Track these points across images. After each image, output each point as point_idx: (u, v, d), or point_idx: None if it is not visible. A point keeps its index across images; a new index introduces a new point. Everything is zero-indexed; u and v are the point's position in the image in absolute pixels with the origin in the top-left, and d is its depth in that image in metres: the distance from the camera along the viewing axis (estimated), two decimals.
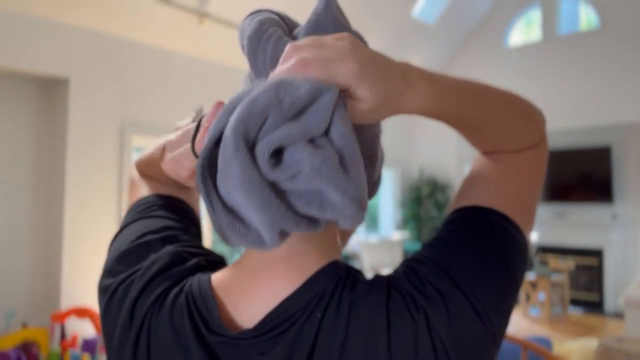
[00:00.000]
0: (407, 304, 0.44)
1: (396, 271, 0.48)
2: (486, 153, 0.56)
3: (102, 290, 0.53)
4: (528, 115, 0.54)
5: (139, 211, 0.60)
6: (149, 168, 0.64)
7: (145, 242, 0.54)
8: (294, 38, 0.50)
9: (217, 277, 0.50)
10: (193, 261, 0.52)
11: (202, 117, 0.48)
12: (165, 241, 0.54)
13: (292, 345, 0.43)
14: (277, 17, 0.51)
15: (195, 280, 0.49)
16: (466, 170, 0.60)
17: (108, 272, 0.54)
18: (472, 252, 0.48)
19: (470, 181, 0.56)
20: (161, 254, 0.52)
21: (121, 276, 0.52)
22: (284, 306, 0.45)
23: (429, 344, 0.42)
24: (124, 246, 0.55)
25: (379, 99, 0.40)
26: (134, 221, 0.59)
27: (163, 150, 0.57)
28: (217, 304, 0.47)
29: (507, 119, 0.52)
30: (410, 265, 0.48)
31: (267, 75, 0.45)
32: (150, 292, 0.49)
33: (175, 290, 0.49)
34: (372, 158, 0.54)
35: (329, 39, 0.41)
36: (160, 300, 0.48)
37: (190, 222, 0.61)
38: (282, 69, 0.40)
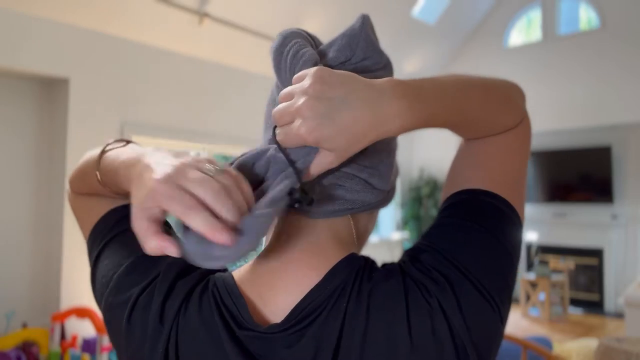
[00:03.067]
0: (421, 290, 0.45)
1: (402, 260, 0.50)
2: (470, 140, 0.58)
3: (117, 305, 0.51)
4: (508, 100, 0.56)
5: (112, 227, 0.57)
6: (83, 184, 0.59)
7: None
8: (323, 51, 0.54)
9: (238, 272, 0.52)
10: None
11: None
12: None
13: (319, 336, 0.45)
14: (303, 32, 0.54)
15: (218, 277, 0.50)
16: None
17: (118, 289, 0.52)
18: (467, 235, 0.49)
19: (458, 167, 0.57)
20: (175, 257, 0.52)
21: (138, 287, 0.51)
22: (309, 298, 0.46)
23: (445, 327, 0.44)
24: (127, 258, 0.53)
25: (337, 149, 0.44)
26: (115, 236, 0.56)
27: (98, 163, 0.53)
28: (244, 299, 0.48)
29: (489, 112, 0.53)
30: (412, 254, 0.50)
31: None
32: (177, 294, 0.49)
33: (199, 288, 0.50)
34: (386, 170, 0.55)
35: (296, 93, 0.44)
36: (187, 300, 0.49)
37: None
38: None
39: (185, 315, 0.48)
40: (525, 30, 6.12)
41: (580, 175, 5.90)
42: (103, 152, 0.54)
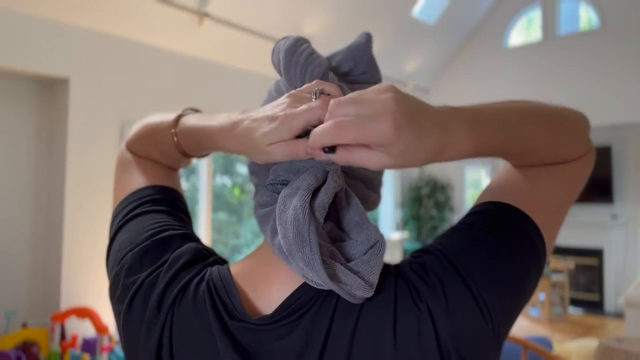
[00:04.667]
0: (412, 293, 0.45)
1: (402, 261, 0.50)
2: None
3: (125, 286, 0.53)
4: (574, 133, 0.53)
5: (140, 204, 0.60)
6: (150, 141, 0.63)
7: (167, 237, 0.55)
8: (328, 59, 0.56)
9: (235, 266, 0.53)
10: (213, 258, 0.55)
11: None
12: (185, 238, 0.56)
13: (309, 329, 0.45)
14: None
15: (214, 269, 0.51)
16: (467, 170, 0.61)
17: (129, 269, 0.54)
18: (484, 247, 0.48)
19: (501, 179, 0.55)
20: (184, 249, 0.53)
21: (146, 272, 0.52)
22: (300, 291, 0.47)
23: (432, 333, 0.43)
24: (142, 240, 0.55)
25: (410, 157, 0.39)
26: (140, 214, 0.59)
27: (177, 121, 0.58)
28: (237, 290, 0.49)
29: (552, 144, 0.51)
30: (417, 255, 0.50)
31: (297, 85, 0.51)
32: (176, 284, 0.50)
33: (196, 279, 0.50)
34: (375, 184, 0.58)
35: (371, 92, 0.40)
36: (184, 290, 0.50)
37: (187, 217, 0.63)
38: (320, 130, 0.40)
39: (181, 305, 0.49)
40: (525, 30, 6.11)
41: None
42: (180, 115, 0.58)
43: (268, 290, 0.49)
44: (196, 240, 0.57)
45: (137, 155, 0.67)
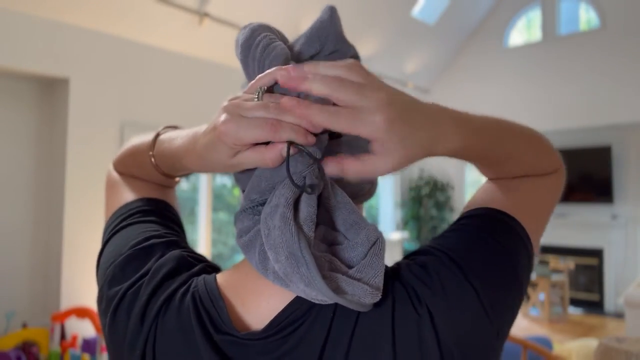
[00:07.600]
0: (410, 298, 0.43)
1: (398, 263, 0.48)
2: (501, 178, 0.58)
3: (108, 298, 0.51)
4: (547, 148, 0.57)
5: (129, 215, 0.58)
6: (133, 162, 0.63)
7: (149, 245, 0.53)
8: (291, 45, 0.51)
9: (222, 276, 0.50)
10: (199, 266, 0.52)
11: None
12: (169, 245, 0.54)
13: (302, 345, 0.43)
14: (271, 26, 0.51)
15: (200, 280, 0.49)
16: (467, 170, 0.62)
17: (112, 280, 0.52)
18: (485, 246, 0.48)
19: (486, 189, 0.58)
20: (168, 258, 0.51)
21: (128, 282, 0.50)
22: (293, 306, 0.44)
23: (433, 336, 0.42)
24: (126, 251, 0.53)
25: (405, 153, 0.39)
26: (127, 225, 0.57)
27: (154, 142, 0.57)
28: (225, 302, 0.46)
29: (528, 153, 0.54)
30: (414, 257, 0.48)
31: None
32: (160, 295, 0.48)
33: (181, 290, 0.48)
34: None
35: (368, 89, 0.39)
36: (168, 301, 0.48)
37: (178, 227, 0.61)
38: (316, 111, 0.39)
39: (165, 317, 0.47)
40: (525, 30, 6.11)
41: (580, 175, 5.90)
42: (157, 135, 0.57)
43: (257, 303, 0.46)
44: (183, 247, 0.55)
45: (124, 175, 0.66)
